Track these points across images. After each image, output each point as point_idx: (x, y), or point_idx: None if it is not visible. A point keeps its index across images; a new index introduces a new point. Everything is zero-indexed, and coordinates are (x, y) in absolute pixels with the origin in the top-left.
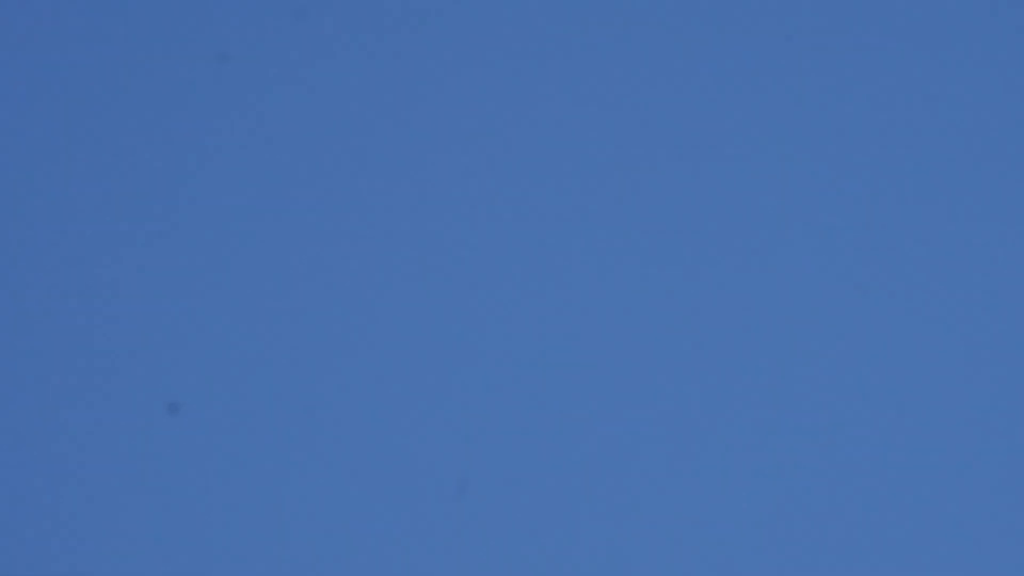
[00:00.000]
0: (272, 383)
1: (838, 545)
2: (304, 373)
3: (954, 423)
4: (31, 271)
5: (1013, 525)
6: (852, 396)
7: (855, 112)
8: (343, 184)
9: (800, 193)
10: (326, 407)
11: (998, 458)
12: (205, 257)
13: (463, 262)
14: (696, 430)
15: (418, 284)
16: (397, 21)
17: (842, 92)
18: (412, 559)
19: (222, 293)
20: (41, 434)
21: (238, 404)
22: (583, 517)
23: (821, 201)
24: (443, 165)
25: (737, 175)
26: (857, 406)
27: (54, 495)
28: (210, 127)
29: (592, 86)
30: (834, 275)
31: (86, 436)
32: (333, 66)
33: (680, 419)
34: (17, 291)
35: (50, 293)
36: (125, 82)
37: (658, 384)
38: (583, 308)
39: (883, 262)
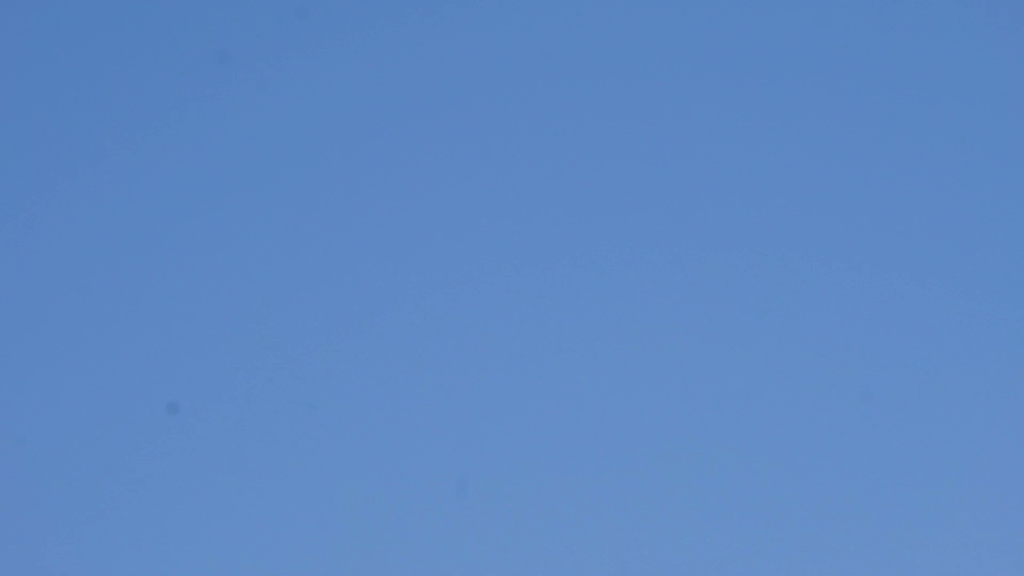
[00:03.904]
0: (272, 383)
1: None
2: (304, 373)
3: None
4: (30, 270)
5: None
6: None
7: (855, 121)
8: (344, 184)
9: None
10: (326, 407)
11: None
12: (205, 257)
13: (463, 261)
14: (698, 432)
15: (418, 284)
16: (399, 21)
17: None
18: (412, 559)
19: (222, 293)
20: (40, 434)
21: (238, 404)
22: (583, 517)
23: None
24: (445, 165)
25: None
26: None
27: (54, 495)
28: (210, 127)
29: (591, 92)
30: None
31: (85, 436)
32: (334, 66)
33: (682, 420)
34: (17, 290)
35: (50, 293)
36: (125, 82)
37: (660, 384)
38: (583, 308)
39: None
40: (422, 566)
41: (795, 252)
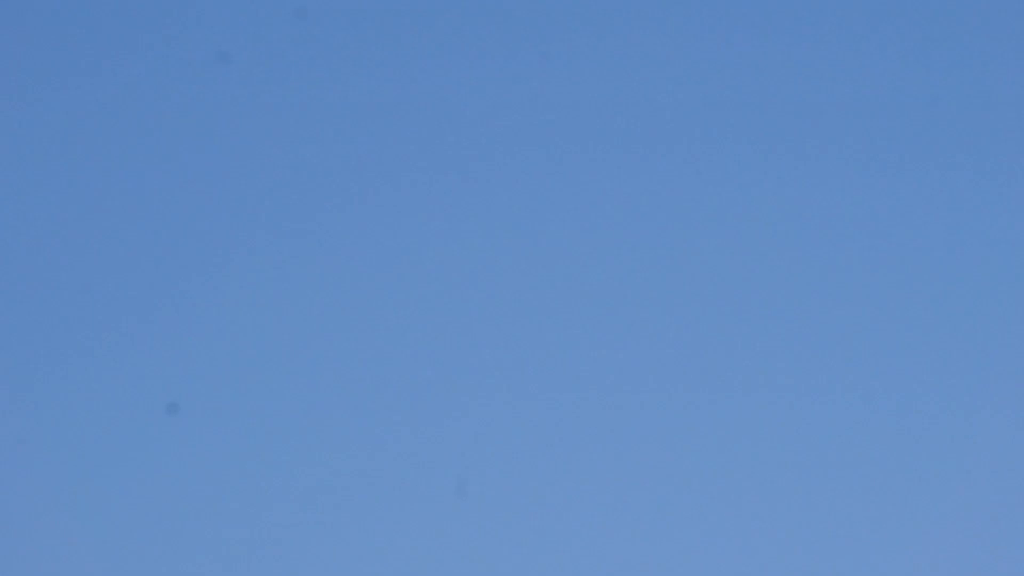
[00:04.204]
0: (272, 383)
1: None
2: (304, 373)
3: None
4: (30, 271)
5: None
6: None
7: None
8: (344, 185)
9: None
10: (326, 407)
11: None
12: (204, 257)
13: (463, 262)
14: (698, 435)
15: (418, 284)
16: (399, 21)
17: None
18: (412, 559)
19: (222, 293)
20: (40, 434)
21: (238, 404)
22: (583, 518)
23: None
24: (446, 165)
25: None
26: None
27: (53, 495)
28: (209, 127)
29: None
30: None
31: (85, 436)
32: (334, 66)
33: (682, 421)
34: (16, 290)
35: (49, 293)
36: (124, 81)
37: (659, 385)
38: (583, 308)
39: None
40: (422, 566)
41: (794, 251)
